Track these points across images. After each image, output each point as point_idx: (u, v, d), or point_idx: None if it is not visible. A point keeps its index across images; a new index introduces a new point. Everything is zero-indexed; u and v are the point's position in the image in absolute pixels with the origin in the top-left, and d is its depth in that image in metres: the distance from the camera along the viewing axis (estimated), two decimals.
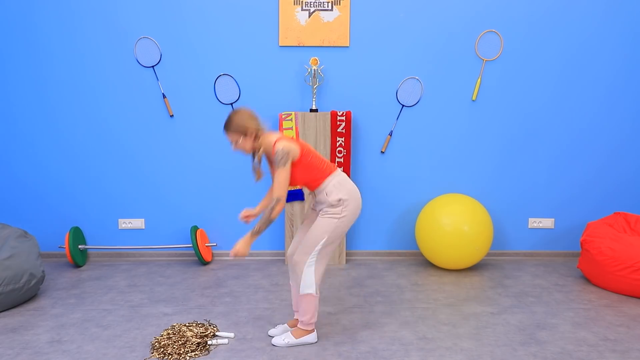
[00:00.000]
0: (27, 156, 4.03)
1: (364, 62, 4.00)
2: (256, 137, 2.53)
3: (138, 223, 4.14)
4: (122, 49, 3.93)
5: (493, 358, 2.54)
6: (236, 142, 2.51)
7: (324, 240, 2.56)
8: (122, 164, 4.06)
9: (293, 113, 3.89)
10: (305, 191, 3.93)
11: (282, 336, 2.66)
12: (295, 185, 2.61)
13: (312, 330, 2.67)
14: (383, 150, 4.08)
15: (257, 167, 2.57)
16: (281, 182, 2.47)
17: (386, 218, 4.18)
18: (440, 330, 2.85)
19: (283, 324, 2.88)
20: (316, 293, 2.59)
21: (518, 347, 2.65)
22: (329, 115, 3.91)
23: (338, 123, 3.91)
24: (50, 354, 2.56)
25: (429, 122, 4.08)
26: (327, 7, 3.90)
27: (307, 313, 2.62)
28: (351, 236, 4.18)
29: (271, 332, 2.77)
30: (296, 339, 2.65)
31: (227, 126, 2.50)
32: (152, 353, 2.54)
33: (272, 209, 2.46)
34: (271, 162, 2.66)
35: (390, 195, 4.16)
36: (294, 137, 3.89)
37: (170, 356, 2.50)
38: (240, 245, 2.50)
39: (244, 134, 2.50)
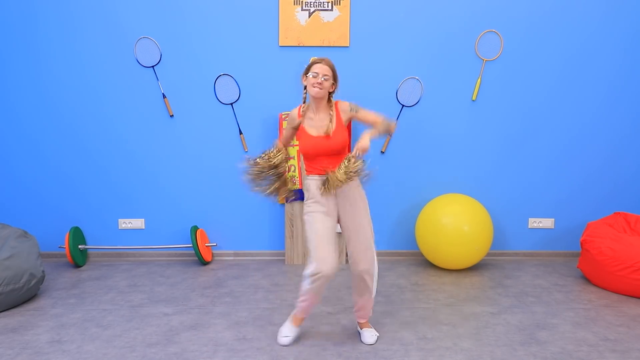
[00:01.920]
0: (27, 156, 4.03)
1: (364, 62, 4.00)
2: (332, 91, 2.59)
3: (138, 223, 4.14)
4: (122, 49, 3.93)
5: (493, 358, 2.54)
6: (327, 78, 2.50)
7: (372, 233, 2.63)
8: (123, 164, 4.06)
9: None
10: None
11: (368, 335, 2.69)
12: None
13: None
14: (383, 150, 4.08)
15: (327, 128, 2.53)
16: (374, 112, 2.61)
17: (386, 218, 4.18)
18: (440, 330, 2.85)
19: (285, 329, 2.72)
20: None
21: (518, 347, 2.65)
22: None
23: None
24: (50, 354, 2.56)
25: (429, 122, 4.08)
26: (327, 7, 3.90)
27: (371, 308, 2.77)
28: None
29: (285, 340, 2.66)
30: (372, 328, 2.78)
31: (328, 62, 2.52)
32: None
33: (390, 124, 2.55)
34: (339, 119, 2.58)
35: (390, 195, 4.16)
36: None
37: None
38: (365, 141, 2.44)
39: (334, 78, 2.55)
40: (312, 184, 2.60)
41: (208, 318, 3.00)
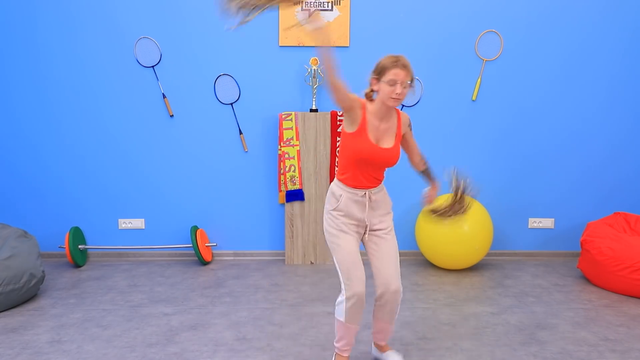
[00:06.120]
0: (27, 156, 4.03)
1: (364, 62, 3.98)
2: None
3: (138, 223, 4.13)
4: (122, 49, 3.93)
5: (493, 358, 2.54)
6: (406, 86, 2.16)
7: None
8: (122, 164, 4.06)
9: (293, 113, 3.89)
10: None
11: (396, 357, 2.42)
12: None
13: None
14: None
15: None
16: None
17: None
18: (440, 330, 2.85)
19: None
20: None
21: (518, 347, 2.65)
22: (329, 115, 3.91)
23: (338, 123, 3.91)
24: (50, 354, 2.56)
25: (429, 122, 4.08)
26: (327, 7, 3.90)
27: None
28: None
29: None
30: None
31: (405, 63, 2.16)
32: None
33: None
34: (400, 132, 2.37)
35: (390, 195, 4.13)
36: (295, 136, 3.90)
37: None
38: (434, 192, 2.60)
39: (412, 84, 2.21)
40: (345, 195, 2.28)
41: (208, 318, 3.00)
